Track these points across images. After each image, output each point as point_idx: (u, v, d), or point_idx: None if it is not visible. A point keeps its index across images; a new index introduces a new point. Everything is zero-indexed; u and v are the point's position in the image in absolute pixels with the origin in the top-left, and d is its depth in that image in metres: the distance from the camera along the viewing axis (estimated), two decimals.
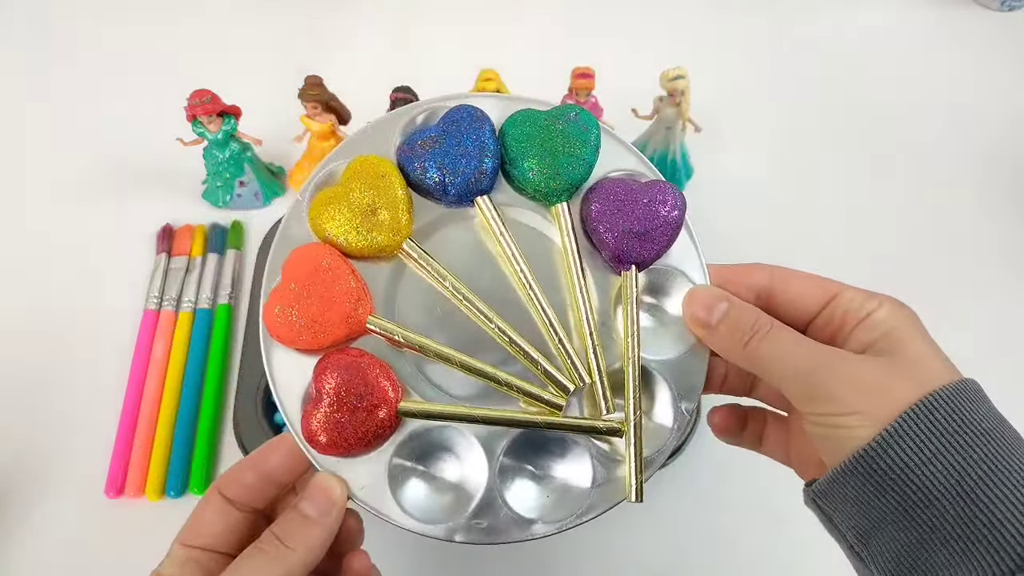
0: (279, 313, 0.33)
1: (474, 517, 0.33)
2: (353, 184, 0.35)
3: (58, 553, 0.50)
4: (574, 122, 0.35)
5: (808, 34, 0.78)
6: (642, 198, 0.35)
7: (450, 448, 0.34)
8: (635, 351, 0.34)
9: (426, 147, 0.35)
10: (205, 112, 0.57)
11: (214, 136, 0.59)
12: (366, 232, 0.34)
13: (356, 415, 0.32)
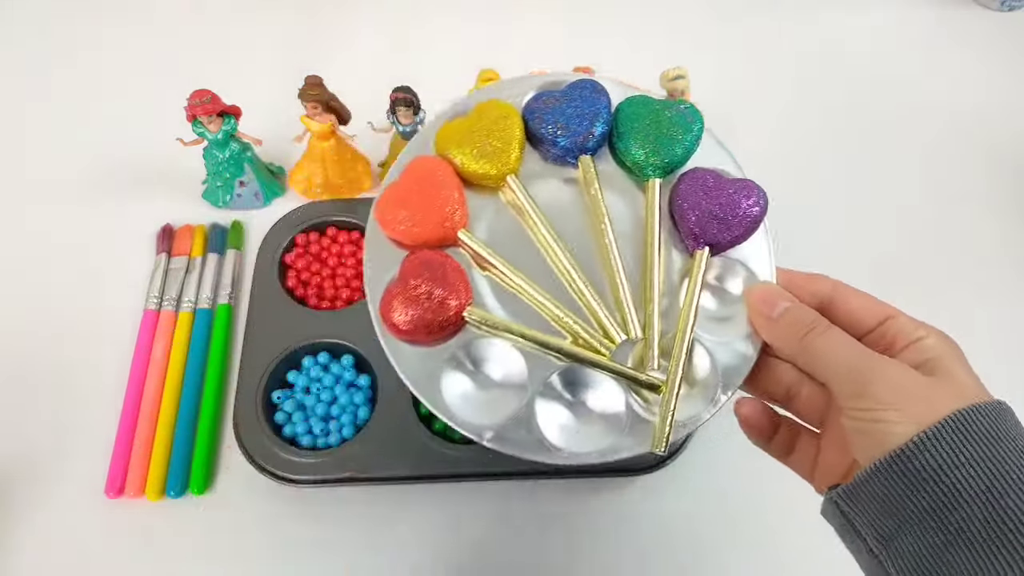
0: (388, 201, 0.38)
1: (507, 427, 0.35)
2: (479, 119, 0.39)
3: (58, 553, 0.50)
4: (682, 113, 0.40)
5: (808, 34, 0.78)
6: (728, 188, 0.38)
7: (499, 362, 0.37)
8: (691, 321, 0.36)
9: (549, 104, 0.40)
10: (205, 112, 0.57)
11: (214, 136, 0.59)
12: (479, 158, 0.38)
13: (429, 302, 0.35)
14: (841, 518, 0.32)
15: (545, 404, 0.36)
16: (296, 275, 0.59)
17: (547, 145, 0.40)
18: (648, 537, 0.51)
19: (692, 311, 0.37)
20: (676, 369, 0.36)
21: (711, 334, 0.37)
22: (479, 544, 0.51)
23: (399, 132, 0.60)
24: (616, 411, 0.36)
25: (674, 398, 0.35)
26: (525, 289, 0.37)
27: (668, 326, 0.37)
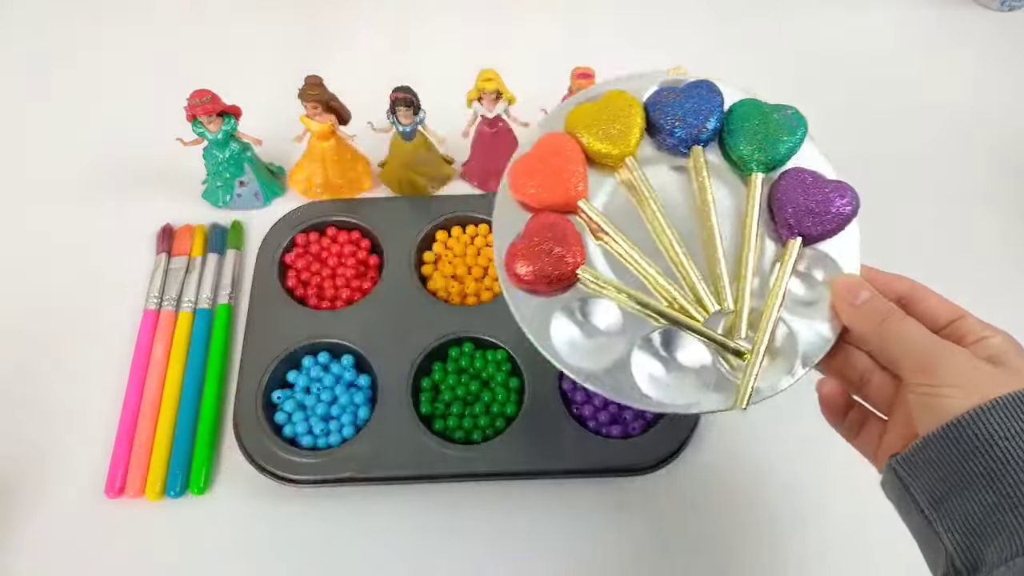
0: (520, 168, 0.43)
1: (605, 373, 0.40)
2: (606, 105, 0.44)
3: (59, 553, 0.50)
4: (789, 118, 0.44)
5: (808, 34, 0.78)
6: (825, 187, 0.42)
7: (603, 317, 0.41)
8: (779, 301, 0.40)
9: (670, 98, 0.45)
10: (205, 112, 0.57)
11: (214, 136, 0.59)
12: (603, 139, 0.43)
13: (548, 258, 0.40)
14: (897, 483, 0.35)
15: (641, 357, 0.40)
16: (296, 275, 0.59)
17: (664, 134, 0.44)
18: (648, 537, 0.51)
19: (781, 292, 0.41)
20: (762, 339, 0.40)
21: (795, 315, 0.41)
22: (478, 544, 0.51)
23: (399, 132, 0.60)
24: (703, 371, 0.40)
25: (758, 364, 0.39)
26: (632, 257, 0.41)
27: (757, 303, 0.41)
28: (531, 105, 0.60)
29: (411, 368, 0.54)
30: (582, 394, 0.54)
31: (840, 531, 0.51)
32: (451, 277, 0.59)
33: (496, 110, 0.59)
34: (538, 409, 0.52)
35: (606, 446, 0.51)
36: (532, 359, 0.54)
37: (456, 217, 0.62)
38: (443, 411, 0.53)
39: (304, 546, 0.51)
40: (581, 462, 0.51)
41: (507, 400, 0.53)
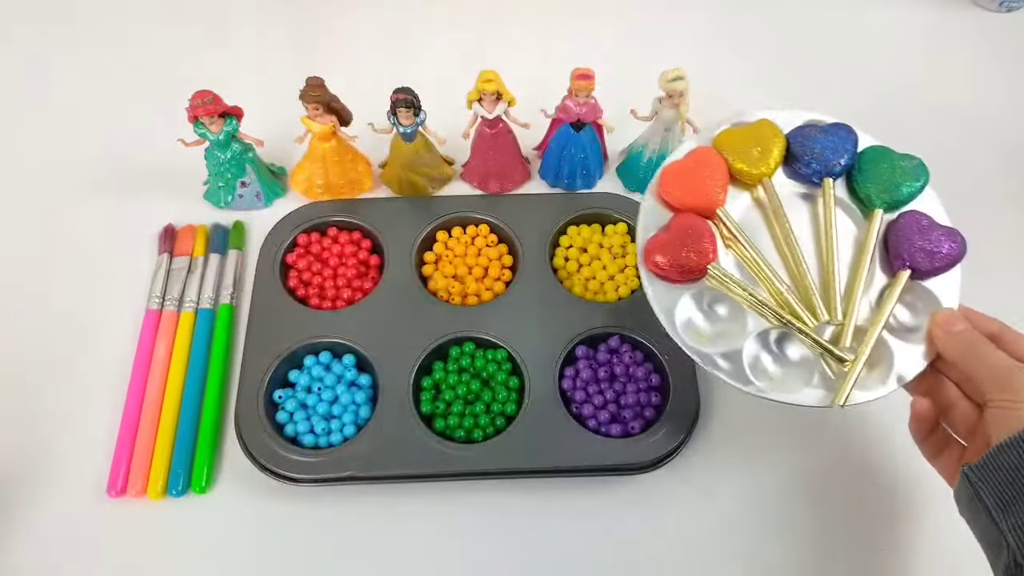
0: (671, 171, 0.50)
1: (720, 356, 0.46)
2: (752, 131, 0.51)
3: (61, 552, 0.50)
4: (914, 166, 0.50)
5: (808, 34, 0.78)
6: (938, 231, 0.48)
7: (725, 309, 0.49)
8: (884, 320, 0.46)
9: (811, 133, 0.51)
10: (207, 113, 0.57)
11: (215, 137, 0.59)
12: (745, 160, 0.50)
13: (685, 251, 0.47)
14: (969, 488, 0.39)
15: (754, 349, 0.47)
16: (298, 275, 0.59)
17: (801, 164, 0.51)
18: (647, 536, 0.51)
19: (887, 313, 0.46)
20: (866, 350, 0.46)
21: (896, 337, 0.47)
22: (479, 543, 0.51)
23: (399, 133, 0.60)
24: (806, 371, 0.47)
25: (858, 371, 0.45)
26: (757, 262, 0.48)
27: (861, 322, 0.47)
28: (531, 106, 0.60)
29: (412, 367, 0.54)
30: (582, 393, 0.54)
31: (840, 531, 0.52)
32: (452, 277, 0.59)
33: (496, 111, 0.59)
34: (538, 408, 0.52)
35: (606, 445, 0.51)
36: (532, 359, 0.54)
37: (457, 217, 0.62)
38: (444, 410, 0.53)
39: (306, 545, 0.51)
40: (581, 461, 0.51)
41: (507, 399, 0.53)
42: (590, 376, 0.54)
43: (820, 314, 0.47)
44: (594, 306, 0.57)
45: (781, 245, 0.49)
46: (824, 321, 0.47)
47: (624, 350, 0.55)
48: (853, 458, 0.54)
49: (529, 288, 0.58)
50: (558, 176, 0.65)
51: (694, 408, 0.53)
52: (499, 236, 0.62)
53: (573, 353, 0.55)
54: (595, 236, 0.61)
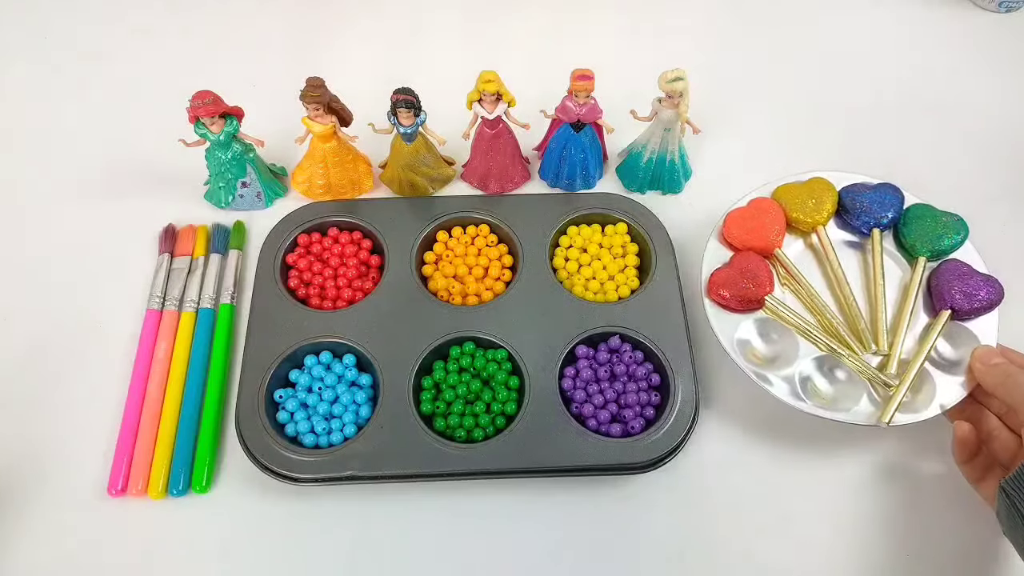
0: (735, 216, 0.58)
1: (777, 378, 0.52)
2: (810, 186, 0.59)
3: (61, 552, 0.50)
4: (955, 221, 0.57)
5: (807, 34, 0.79)
6: (977, 278, 0.54)
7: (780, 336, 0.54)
8: (927, 352, 0.53)
9: (862, 190, 0.59)
10: (207, 113, 0.57)
11: (216, 137, 0.59)
12: (801, 210, 0.58)
13: (745, 284, 0.54)
14: (1005, 499, 0.42)
15: (808, 371, 0.53)
16: (298, 275, 0.59)
17: (852, 216, 0.58)
18: (647, 535, 0.51)
19: (930, 345, 0.53)
20: (910, 375, 0.51)
21: (938, 368, 0.53)
22: (480, 542, 0.51)
23: (400, 133, 0.60)
24: (854, 393, 0.52)
25: (903, 393, 0.51)
26: (811, 298, 0.55)
27: (906, 354, 0.53)
28: (531, 106, 0.60)
29: (412, 367, 0.54)
30: (582, 393, 0.54)
31: (840, 530, 0.52)
32: (452, 277, 0.59)
33: (496, 111, 0.59)
34: (538, 408, 0.52)
35: (606, 445, 0.51)
36: (533, 358, 0.54)
37: (457, 217, 0.62)
38: (444, 410, 0.53)
39: (306, 544, 0.51)
40: (581, 460, 0.51)
41: (508, 399, 0.54)
42: (590, 376, 0.54)
43: (868, 344, 0.53)
44: (594, 306, 0.57)
45: (833, 284, 0.56)
46: (872, 351, 0.53)
47: (624, 350, 0.56)
48: (853, 458, 0.55)
49: (529, 288, 0.58)
50: (558, 176, 0.65)
51: (694, 408, 0.53)
52: (499, 236, 0.62)
53: (573, 353, 0.56)
54: (595, 236, 0.61)
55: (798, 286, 0.56)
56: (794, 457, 0.54)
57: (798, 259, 0.58)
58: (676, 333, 0.55)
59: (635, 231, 0.61)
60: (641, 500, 0.52)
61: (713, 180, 0.67)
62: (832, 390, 0.53)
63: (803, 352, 0.53)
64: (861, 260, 0.58)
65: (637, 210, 0.62)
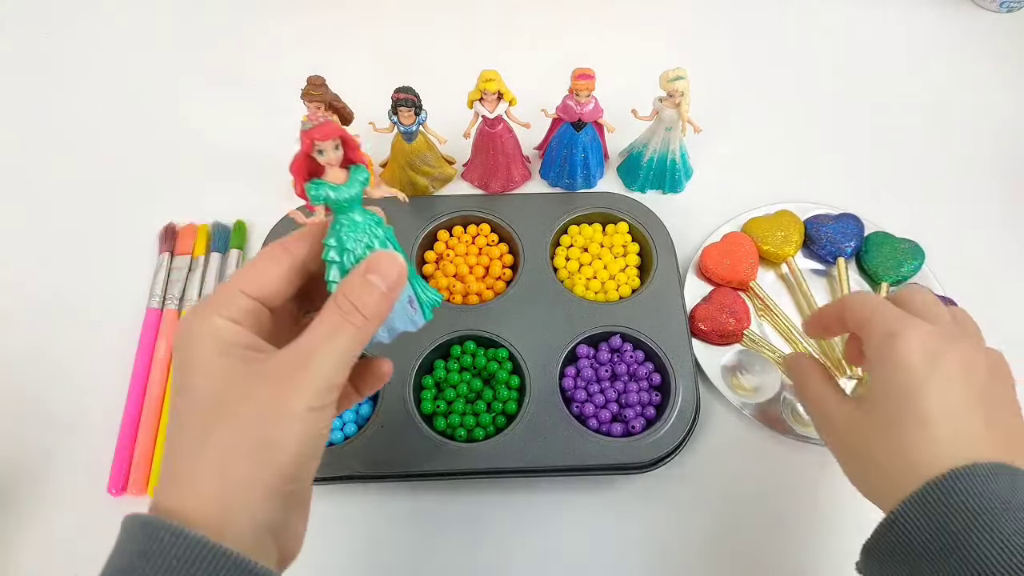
0: (711, 251, 0.61)
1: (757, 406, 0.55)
2: (777, 219, 0.62)
3: (61, 551, 0.50)
4: (912, 248, 0.60)
5: (808, 35, 0.79)
6: None
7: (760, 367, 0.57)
8: None
9: (825, 221, 0.62)
10: (324, 135, 0.33)
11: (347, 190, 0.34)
12: (771, 243, 0.61)
13: (724, 318, 0.57)
14: None
15: (789, 399, 0.55)
16: None
17: (816, 246, 0.61)
18: (648, 534, 0.51)
19: None
20: None
21: None
22: (480, 541, 0.51)
23: (400, 132, 0.60)
24: None
25: None
26: (788, 328, 0.58)
27: None
28: (532, 106, 0.60)
29: (413, 366, 0.54)
30: (583, 392, 0.54)
31: (840, 531, 0.52)
32: (453, 276, 0.59)
33: (497, 111, 0.59)
34: (539, 407, 0.52)
35: (607, 444, 0.51)
36: (534, 358, 0.54)
37: (458, 216, 0.62)
38: (445, 409, 0.53)
39: (306, 544, 0.51)
40: (582, 460, 0.51)
41: (508, 398, 0.53)
42: (591, 375, 0.54)
43: (844, 369, 0.56)
44: (595, 305, 0.57)
45: (806, 313, 0.59)
46: (847, 376, 0.56)
47: (625, 349, 0.56)
48: None
49: (530, 287, 0.58)
50: (559, 176, 0.65)
51: (695, 407, 0.53)
52: (500, 235, 0.62)
53: (574, 352, 0.56)
54: (596, 236, 0.61)
55: (775, 317, 0.59)
56: (795, 457, 0.54)
57: (771, 289, 0.60)
58: (677, 333, 0.55)
59: (636, 231, 0.61)
60: (642, 500, 0.52)
61: (714, 179, 0.67)
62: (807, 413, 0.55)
63: (785, 379, 0.56)
64: (829, 287, 0.61)
65: (638, 209, 0.62)
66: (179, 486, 0.29)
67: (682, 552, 0.51)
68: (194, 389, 0.30)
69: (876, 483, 0.38)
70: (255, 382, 0.30)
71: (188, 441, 0.30)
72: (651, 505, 0.52)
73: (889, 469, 0.36)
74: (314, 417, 0.30)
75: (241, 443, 0.29)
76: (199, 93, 0.73)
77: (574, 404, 0.54)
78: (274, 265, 0.33)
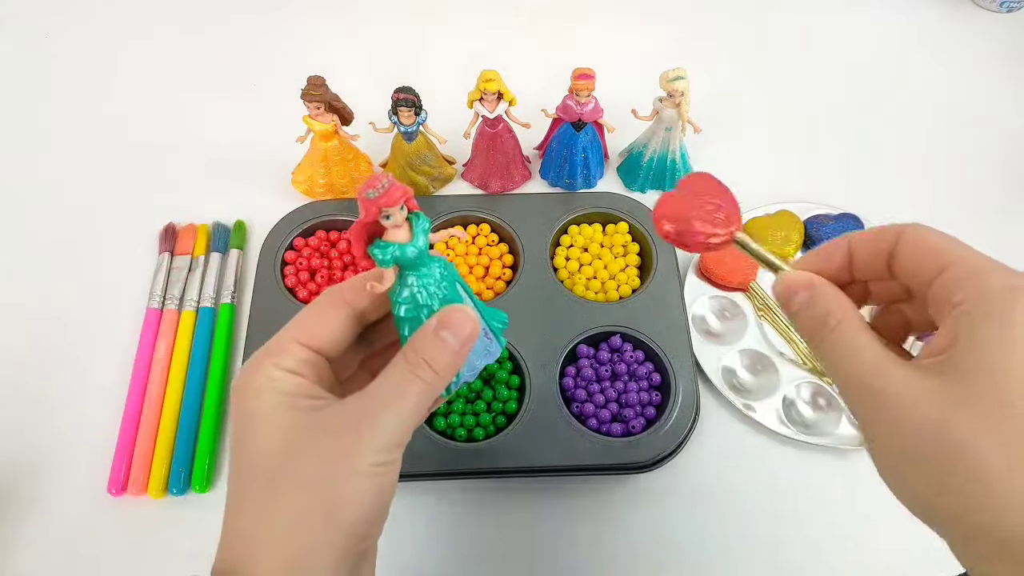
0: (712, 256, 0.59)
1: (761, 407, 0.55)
2: (777, 219, 0.62)
3: (61, 551, 0.50)
4: None
5: (808, 35, 0.79)
6: None
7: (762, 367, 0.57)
8: None
9: (824, 220, 0.62)
10: (389, 202, 0.31)
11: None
12: (772, 243, 0.61)
13: (703, 210, 0.34)
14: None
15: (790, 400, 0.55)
16: (298, 274, 0.59)
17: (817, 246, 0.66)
18: (648, 535, 0.51)
19: None
20: None
21: None
22: (480, 541, 0.51)
23: (401, 132, 0.60)
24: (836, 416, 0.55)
25: None
26: (787, 330, 0.58)
27: None
28: (532, 105, 0.60)
29: None
30: (583, 392, 0.54)
31: (839, 530, 0.52)
32: None
33: (497, 111, 0.59)
34: (539, 407, 0.52)
35: (607, 444, 0.51)
36: (534, 357, 0.54)
37: (458, 216, 0.62)
38: (445, 409, 0.53)
39: None
40: (582, 459, 0.51)
41: (508, 398, 0.53)
42: (591, 375, 0.54)
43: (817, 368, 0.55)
44: (595, 305, 0.57)
45: None
46: (823, 378, 0.55)
47: (625, 349, 0.55)
48: (856, 457, 0.54)
49: (530, 287, 0.58)
50: (559, 176, 0.65)
51: (694, 407, 0.53)
52: (500, 235, 0.62)
53: (574, 352, 0.56)
54: (596, 236, 0.61)
55: (775, 317, 0.58)
56: (796, 456, 0.54)
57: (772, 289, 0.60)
58: (677, 332, 0.55)
59: (636, 230, 0.61)
60: (642, 499, 0.52)
61: None
62: (813, 416, 0.55)
63: (785, 380, 0.55)
64: None
65: (638, 209, 0.62)
66: (247, 549, 0.28)
67: (682, 552, 0.51)
68: (256, 444, 0.29)
69: (966, 500, 0.24)
70: (320, 436, 0.29)
71: (253, 499, 0.29)
72: (650, 505, 0.52)
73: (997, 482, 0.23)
74: (381, 472, 0.29)
75: (309, 504, 0.28)
76: (199, 93, 0.73)
77: (574, 404, 0.54)
78: (332, 315, 0.32)
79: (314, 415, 0.29)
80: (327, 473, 0.28)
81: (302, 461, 0.28)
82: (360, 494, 0.28)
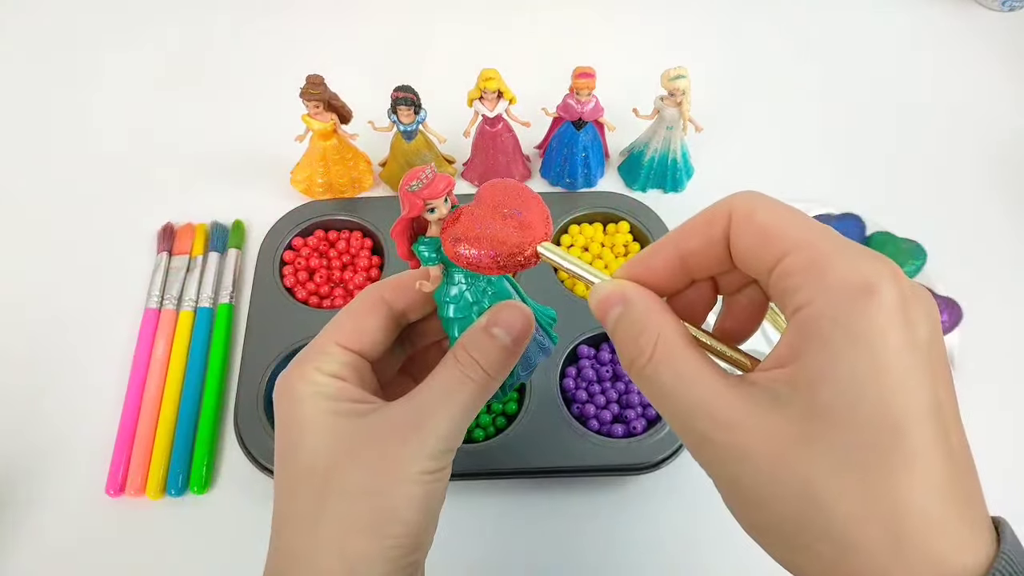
0: None
1: None
2: None
3: (59, 552, 0.50)
4: (914, 247, 0.59)
5: (808, 34, 0.78)
6: (938, 301, 0.55)
7: None
8: None
9: (827, 220, 0.58)
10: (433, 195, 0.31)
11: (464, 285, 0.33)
12: None
13: (505, 223, 0.28)
14: None
15: None
16: (297, 274, 0.59)
17: None
18: (649, 535, 0.51)
19: None
20: None
21: None
22: (479, 543, 0.51)
23: (400, 131, 0.60)
24: None
25: None
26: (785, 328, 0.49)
27: None
28: (532, 104, 0.60)
29: None
30: (584, 393, 0.54)
31: None
32: None
33: (497, 109, 0.59)
34: (540, 408, 0.52)
35: (608, 445, 0.51)
36: None
37: None
38: None
39: None
40: (583, 461, 0.51)
41: (508, 399, 0.53)
42: (592, 376, 0.54)
43: None
44: None
45: None
46: None
47: None
48: None
49: (530, 287, 0.58)
50: (559, 175, 0.64)
51: None
52: None
53: (575, 352, 0.55)
54: (597, 235, 0.61)
55: (775, 317, 0.57)
56: None
57: None
58: None
59: (637, 230, 0.61)
60: (643, 501, 0.52)
61: (715, 179, 0.67)
62: None
63: None
64: None
65: (639, 209, 0.61)
66: (296, 561, 0.28)
67: (683, 553, 0.51)
68: (302, 452, 0.28)
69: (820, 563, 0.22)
70: (367, 443, 0.28)
71: (301, 510, 0.28)
72: (652, 506, 0.52)
73: (852, 536, 0.20)
74: (430, 480, 0.28)
75: (359, 514, 0.27)
76: (197, 92, 0.73)
77: (575, 405, 0.53)
78: (371, 316, 0.31)
79: (359, 421, 0.28)
80: (375, 483, 0.27)
81: (348, 471, 0.28)
82: (410, 502, 0.27)
